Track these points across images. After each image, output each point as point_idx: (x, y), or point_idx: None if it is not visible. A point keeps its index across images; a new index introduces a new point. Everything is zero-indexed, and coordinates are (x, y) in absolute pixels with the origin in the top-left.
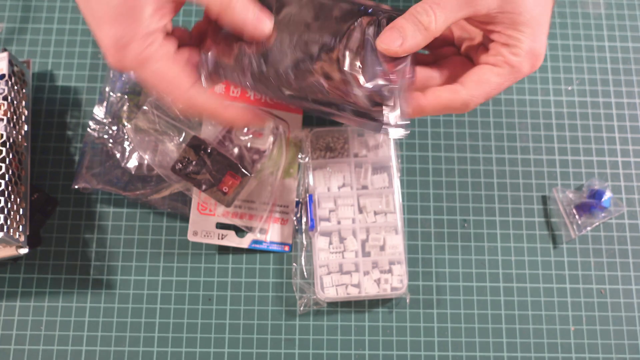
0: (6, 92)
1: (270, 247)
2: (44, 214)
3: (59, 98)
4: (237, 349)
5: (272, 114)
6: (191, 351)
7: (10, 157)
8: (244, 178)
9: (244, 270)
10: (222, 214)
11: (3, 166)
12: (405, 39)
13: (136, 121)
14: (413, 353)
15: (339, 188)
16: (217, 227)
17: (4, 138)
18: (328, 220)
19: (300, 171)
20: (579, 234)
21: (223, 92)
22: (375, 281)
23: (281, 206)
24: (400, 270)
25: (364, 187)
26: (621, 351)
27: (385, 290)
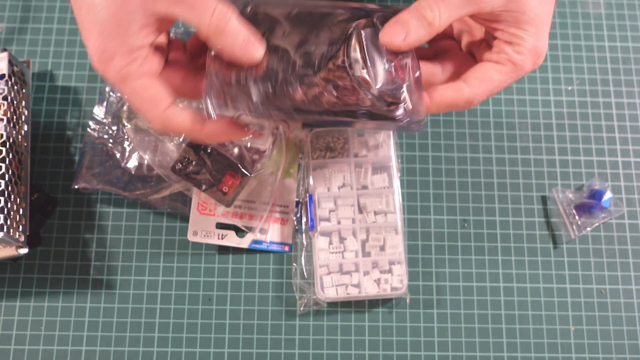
0: (6, 92)
1: (270, 247)
2: (44, 214)
3: (59, 98)
4: (237, 349)
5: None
6: (191, 351)
7: (10, 157)
8: (244, 178)
9: (244, 270)
10: (222, 214)
11: (3, 166)
12: (408, 34)
13: (136, 121)
14: (413, 353)
15: (339, 188)
16: (217, 227)
17: (4, 138)
18: (328, 220)
19: (300, 171)
20: (579, 234)
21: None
22: (375, 281)
23: (281, 206)
24: (400, 270)
25: (364, 187)
26: (621, 351)
27: (385, 290)
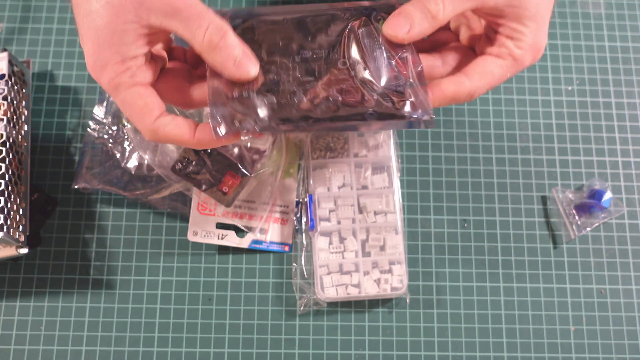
0: (6, 92)
1: (270, 247)
2: (44, 214)
3: (59, 98)
4: (237, 349)
5: None
6: (191, 351)
7: (10, 157)
8: (244, 178)
9: (244, 270)
10: (222, 214)
11: (3, 166)
12: (412, 26)
13: None
14: (413, 353)
15: (339, 188)
16: (217, 227)
17: (4, 138)
18: (328, 220)
19: (300, 171)
20: (579, 235)
21: None
22: (375, 281)
23: (281, 206)
24: (400, 270)
25: (364, 187)
26: (621, 351)
27: (385, 290)
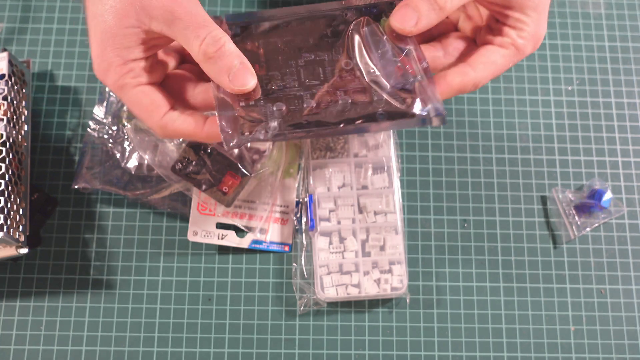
0: (6, 92)
1: (270, 247)
2: (44, 214)
3: (59, 98)
4: (237, 349)
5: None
6: (191, 351)
7: (10, 157)
8: (244, 178)
9: (244, 270)
10: (222, 214)
11: (3, 166)
12: (420, 18)
13: (136, 121)
14: (413, 353)
15: (339, 188)
16: (217, 227)
17: (4, 138)
18: (328, 220)
19: (300, 171)
20: (579, 235)
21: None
22: (375, 281)
23: (281, 206)
24: (400, 270)
25: (364, 187)
26: (621, 351)
27: (385, 290)
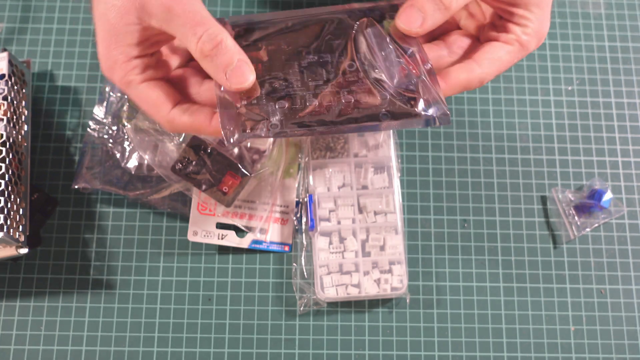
0: (6, 92)
1: (270, 247)
2: (44, 214)
3: (59, 98)
4: (237, 349)
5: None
6: (191, 351)
7: (10, 157)
8: (244, 178)
9: (244, 270)
10: (222, 214)
11: (3, 166)
12: (425, 19)
13: (136, 121)
14: (413, 353)
15: (339, 188)
16: (217, 227)
17: (4, 138)
18: (328, 220)
19: (300, 171)
20: (579, 235)
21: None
22: (375, 281)
23: (281, 206)
24: (400, 270)
25: (364, 187)
26: (621, 351)
27: (385, 290)
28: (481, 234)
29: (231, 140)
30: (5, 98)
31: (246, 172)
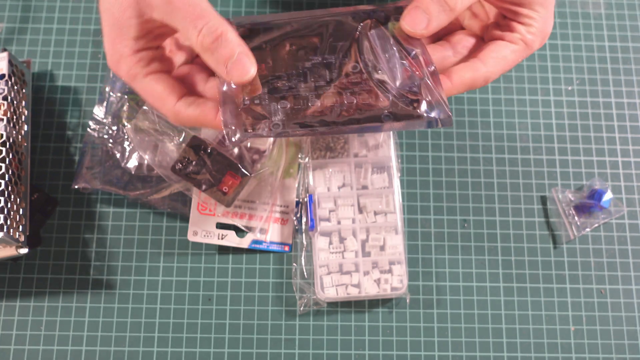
0: (6, 92)
1: (270, 247)
2: (44, 214)
3: (59, 98)
4: (237, 349)
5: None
6: (191, 351)
7: (10, 157)
8: (244, 178)
9: (244, 270)
10: (222, 214)
11: (3, 166)
12: (430, 20)
13: (136, 121)
14: (413, 353)
15: (339, 188)
16: (217, 227)
17: (4, 138)
18: (328, 220)
19: (300, 171)
20: (579, 235)
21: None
22: (375, 281)
23: (281, 206)
24: (400, 270)
25: (364, 187)
26: (621, 351)
27: (385, 290)
28: (481, 234)
29: (233, 139)
30: (5, 98)
31: (246, 172)
